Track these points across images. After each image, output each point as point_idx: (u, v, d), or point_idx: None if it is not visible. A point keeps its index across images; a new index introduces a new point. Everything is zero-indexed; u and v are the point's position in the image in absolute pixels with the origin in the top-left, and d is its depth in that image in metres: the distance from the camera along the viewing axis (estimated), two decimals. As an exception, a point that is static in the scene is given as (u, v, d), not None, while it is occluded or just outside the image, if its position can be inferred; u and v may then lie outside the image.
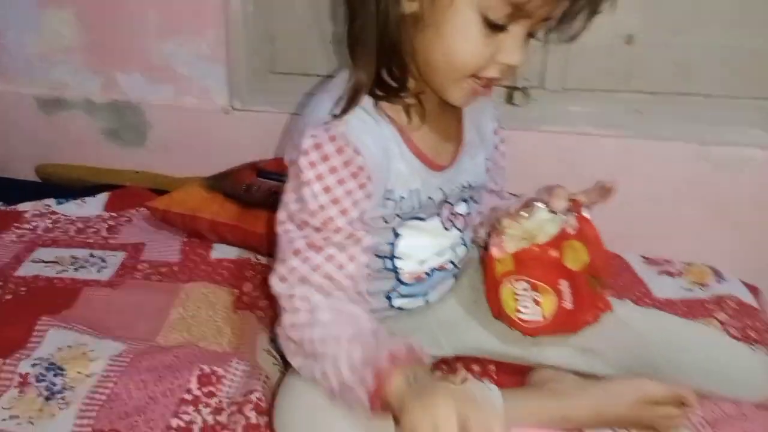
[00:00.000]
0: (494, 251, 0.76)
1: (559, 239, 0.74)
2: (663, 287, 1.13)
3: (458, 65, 0.73)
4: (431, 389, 0.62)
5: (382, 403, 0.67)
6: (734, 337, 0.97)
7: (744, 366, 0.86)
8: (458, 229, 0.90)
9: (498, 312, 0.81)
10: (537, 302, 0.76)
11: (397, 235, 0.84)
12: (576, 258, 0.75)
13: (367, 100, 0.77)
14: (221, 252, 1.18)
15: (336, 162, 0.73)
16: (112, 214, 1.32)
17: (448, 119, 0.88)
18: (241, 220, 1.19)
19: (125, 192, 1.40)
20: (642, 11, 1.25)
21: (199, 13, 1.40)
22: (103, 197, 1.37)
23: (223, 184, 1.26)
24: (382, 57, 0.74)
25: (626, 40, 1.27)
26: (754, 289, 1.14)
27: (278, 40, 1.44)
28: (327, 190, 0.73)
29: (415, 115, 0.80)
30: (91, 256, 1.17)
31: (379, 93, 0.77)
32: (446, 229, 0.89)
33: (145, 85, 1.48)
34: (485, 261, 0.81)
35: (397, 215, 0.83)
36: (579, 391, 0.81)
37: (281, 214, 0.77)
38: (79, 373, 0.86)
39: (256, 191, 1.23)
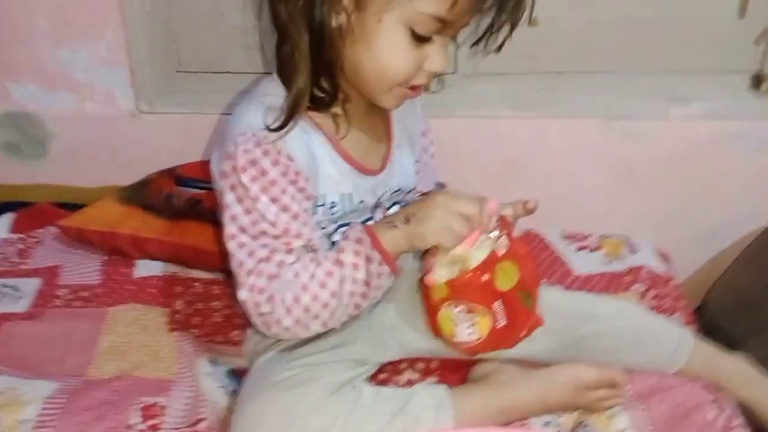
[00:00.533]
0: (428, 280, 0.78)
1: (490, 262, 0.76)
2: (582, 263, 1.19)
3: (389, 77, 0.77)
4: (422, 211, 0.76)
5: (390, 256, 0.77)
6: (651, 308, 1.04)
7: (662, 337, 0.93)
8: None
9: (437, 334, 0.83)
10: (473, 324, 0.79)
11: (333, 243, 0.85)
12: (507, 279, 0.77)
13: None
14: (146, 269, 1.14)
15: (274, 174, 0.76)
16: (21, 236, 1.24)
17: (377, 122, 0.90)
18: (165, 232, 1.15)
19: (33, 210, 1.31)
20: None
21: (94, 15, 1.31)
22: (8, 218, 1.28)
23: (140, 195, 1.21)
24: (315, 71, 0.77)
25: (531, 22, 1.29)
26: (664, 256, 1.22)
27: (182, 37, 1.38)
28: (275, 200, 0.76)
29: (342, 123, 0.83)
30: (4, 286, 1.10)
31: (308, 104, 0.79)
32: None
33: (42, 94, 1.38)
34: (421, 286, 0.83)
35: (331, 221, 0.84)
36: (521, 381, 0.85)
37: (230, 229, 0.78)
38: (15, 420, 0.81)
39: (176, 201, 1.19)
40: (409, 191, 0.96)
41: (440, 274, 0.79)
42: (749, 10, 1.25)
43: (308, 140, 0.80)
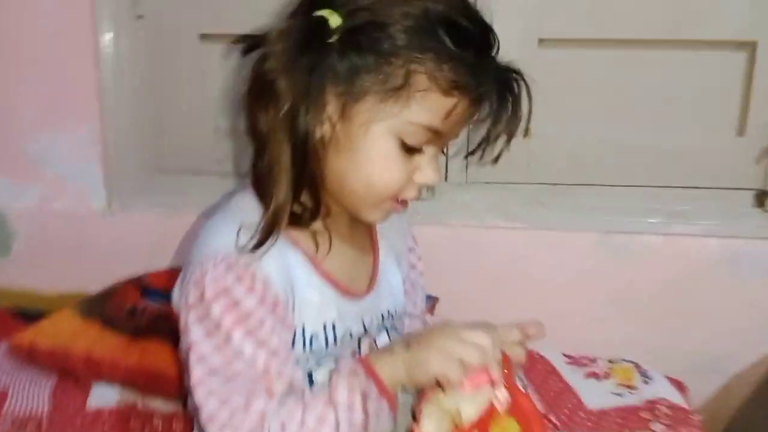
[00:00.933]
0: None
1: (486, 419, 0.67)
2: (593, 395, 1.11)
3: (377, 190, 0.70)
4: (426, 339, 0.67)
5: (389, 389, 0.67)
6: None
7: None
8: None
9: None
10: None
11: (312, 381, 0.74)
12: None
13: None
14: (101, 397, 1.03)
15: (250, 303, 0.66)
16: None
17: (360, 238, 0.83)
18: (123, 353, 1.04)
19: (-18, 322, 1.21)
20: (536, 105, 1.23)
21: (71, 104, 1.27)
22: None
23: (101, 308, 1.11)
24: (296, 185, 0.69)
25: (523, 133, 1.25)
26: (680, 385, 1.14)
27: (163, 135, 1.33)
28: (251, 334, 0.66)
29: (323, 241, 0.74)
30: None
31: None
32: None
33: (8, 187, 1.31)
34: None
35: (311, 357, 0.74)
36: None
37: (197, 372, 0.66)
38: None
39: (140, 316, 1.10)
40: (399, 316, 0.87)
41: (427, 429, 0.69)
42: (748, 129, 1.22)
43: (286, 262, 0.71)
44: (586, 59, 1.24)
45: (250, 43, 0.69)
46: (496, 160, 0.75)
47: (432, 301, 1.25)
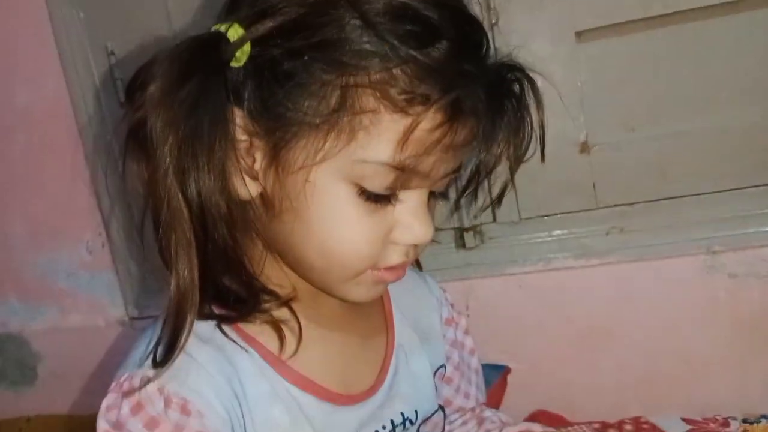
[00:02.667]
0: None
1: None
2: None
3: (342, 262, 0.51)
4: None
5: None
6: None
7: None
8: None
9: None
10: None
11: None
12: None
13: (203, 325, 0.51)
14: None
15: None
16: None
17: (363, 321, 0.61)
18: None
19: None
20: (587, 109, 1.01)
21: (72, 214, 1.17)
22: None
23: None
24: (214, 261, 0.50)
25: (580, 148, 1.01)
26: None
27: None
28: None
29: (290, 334, 0.53)
30: None
31: (222, 312, 0.52)
32: None
33: (24, 308, 1.22)
34: None
35: None
36: None
37: None
38: None
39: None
40: (429, 416, 0.64)
41: None
42: None
43: (228, 370, 0.51)
44: (636, 46, 0.99)
45: (133, 79, 0.49)
46: (499, 201, 0.56)
47: (503, 372, 1.02)
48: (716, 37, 0.97)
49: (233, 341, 0.52)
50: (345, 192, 0.49)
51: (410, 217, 0.51)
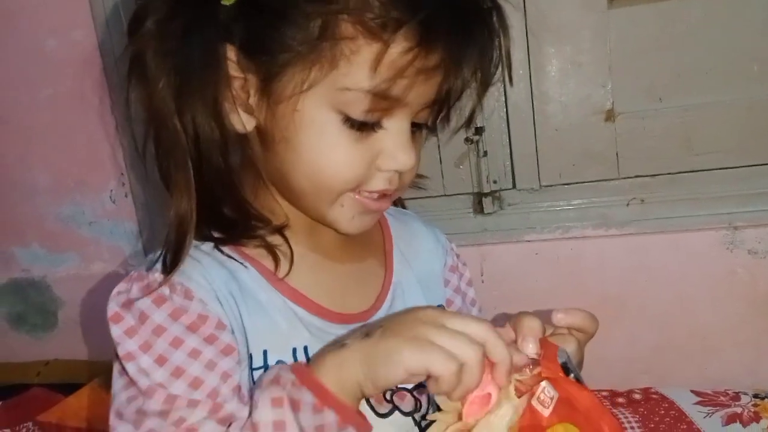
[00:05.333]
0: None
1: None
2: None
3: (328, 184, 0.55)
4: (395, 324, 0.49)
5: (335, 395, 0.48)
6: None
7: None
8: (404, 412, 0.60)
9: None
10: None
11: None
12: None
13: (204, 245, 0.57)
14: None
15: (159, 317, 0.52)
16: (5, 430, 1.05)
17: (362, 255, 0.65)
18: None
19: (23, 399, 1.13)
20: (615, 77, 0.99)
21: (96, 164, 1.18)
22: (-6, 410, 1.10)
23: (127, 378, 0.99)
24: (212, 188, 0.56)
25: (605, 116, 1.00)
26: None
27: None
28: (161, 360, 0.51)
29: (282, 258, 0.58)
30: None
31: (219, 235, 0.58)
32: (380, 414, 0.59)
33: (47, 255, 1.24)
34: None
35: None
36: None
37: (111, 414, 0.53)
38: None
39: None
40: None
41: None
42: None
43: (228, 279, 0.56)
44: (667, 13, 0.97)
45: (134, 15, 0.54)
46: (469, 123, 0.59)
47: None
48: (749, 8, 0.95)
49: (232, 258, 0.57)
50: (331, 120, 0.52)
51: (393, 145, 0.54)
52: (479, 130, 1.02)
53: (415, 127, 0.56)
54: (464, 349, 0.46)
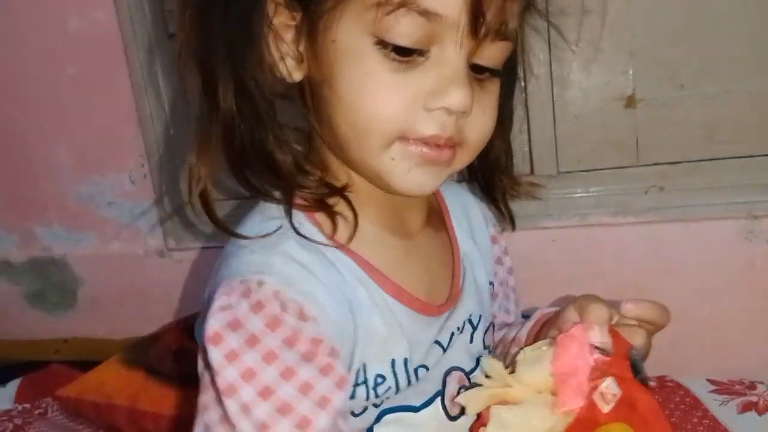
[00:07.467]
0: None
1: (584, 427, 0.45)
2: None
3: (367, 126, 0.48)
4: None
5: None
6: None
7: None
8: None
9: None
10: None
11: None
12: None
13: (303, 225, 0.51)
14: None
15: (272, 342, 0.45)
16: (25, 405, 1.06)
17: (426, 226, 0.61)
18: (166, 403, 0.92)
19: (42, 375, 1.13)
20: (636, 63, 0.98)
21: (116, 144, 1.18)
22: (14, 385, 1.10)
23: (146, 355, 1.00)
24: (264, 146, 0.51)
25: (626, 103, 1.00)
26: None
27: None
28: (267, 393, 0.44)
29: (343, 225, 0.52)
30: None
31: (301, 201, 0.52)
32: (452, 417, 0.57)
33: (67, 234, 1.25)
34: None
35: (373, 405, 0.53)
36: None
37: (198, 429, 0.47)
38: None
39: (186, 358, 0.96)
40: (486, 328, 0.63)
41: None
42: None
43: (334, 275, 0.50)
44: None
45: None
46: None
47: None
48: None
49: (328, 245, 0.51)
50: (366, 46, 0.47)
51: (445, 81, 0.48)
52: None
53: (481, 72, 0.50)
54: None
